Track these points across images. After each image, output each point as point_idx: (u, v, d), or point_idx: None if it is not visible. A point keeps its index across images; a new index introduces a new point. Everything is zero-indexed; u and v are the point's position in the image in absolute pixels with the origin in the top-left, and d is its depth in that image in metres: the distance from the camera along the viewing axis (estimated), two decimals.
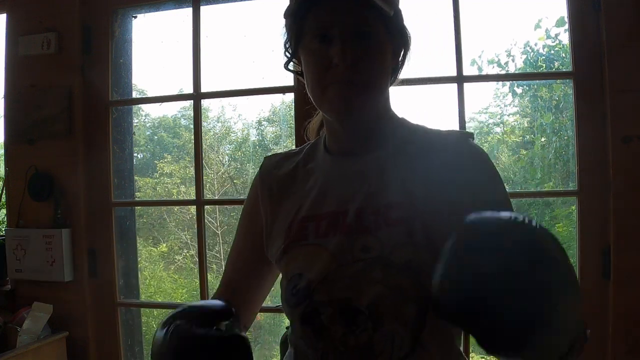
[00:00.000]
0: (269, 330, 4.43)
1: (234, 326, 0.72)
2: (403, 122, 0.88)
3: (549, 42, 4.37)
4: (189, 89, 1.90)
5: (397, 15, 0.82)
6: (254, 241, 0.92)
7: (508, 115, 5.19)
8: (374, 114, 0.83)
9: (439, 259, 0.60)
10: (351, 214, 0.80)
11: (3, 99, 2.00)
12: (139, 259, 2.39)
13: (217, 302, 0.75)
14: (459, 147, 0.83)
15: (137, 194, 4.21)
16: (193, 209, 2.30)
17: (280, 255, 0.84)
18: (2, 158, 2.52)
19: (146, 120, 5.57)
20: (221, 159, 5.25)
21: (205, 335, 0.68)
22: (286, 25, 0.84)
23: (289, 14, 0.81)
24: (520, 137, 5.02)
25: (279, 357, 1.16)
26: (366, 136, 0.84)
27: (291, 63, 0.88)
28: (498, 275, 0.52)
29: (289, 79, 1.76)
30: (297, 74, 0.89)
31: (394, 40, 0.82)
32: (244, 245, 0.96)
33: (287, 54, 0.86)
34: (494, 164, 0.85)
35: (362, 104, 0.79)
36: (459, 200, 0.76)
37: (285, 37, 0.86)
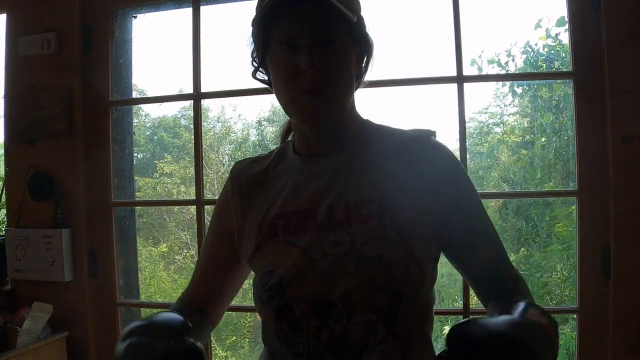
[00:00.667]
0: None
1: (193, 339, 0.72)
2: (367, 123, 0.92)
3: (549, 42, 4.37)
4: (189, 89, 1.90)
5: (360, 22, 0.85)
6: (223, 243, 0.94)
7: (508, 115, 5.19)
8: (341, 118, 0.86)
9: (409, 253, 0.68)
10: (322, 211, 0.82)
11: (3, 99, 2.00)
12: (139, 259, 2.39)
13: (175, 317, 0.74)
14: (423, 144, 0.87)
15: (137, 194, 4.21)
16: (193, 209, 2.30)
17: (252, 254, 0.86)
18: (2, 158, 2.52)
19: (146, 120, 5.57)
20: (221, 159, 5.25)
21: (164, 349, 0.68)
22: (252, 34, 0.86)
23: (255, 23, 0.83)
24: (520, 137, 5.02)
25: None
26: (334, 138, 0.87)
27: (258, 73, 0.90)
28: None
29: None
30: (265, 82, 0.91)
31: (357, 46, 0.85)
32: (213, 247, 0.97)
33: (254, 63, 0.89)
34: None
35: (330, 111, 0.82)
36: (425, 197, 0.82)
37: (252, 47, 0.88)
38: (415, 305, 0.79)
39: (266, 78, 0.89)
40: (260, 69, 0.89)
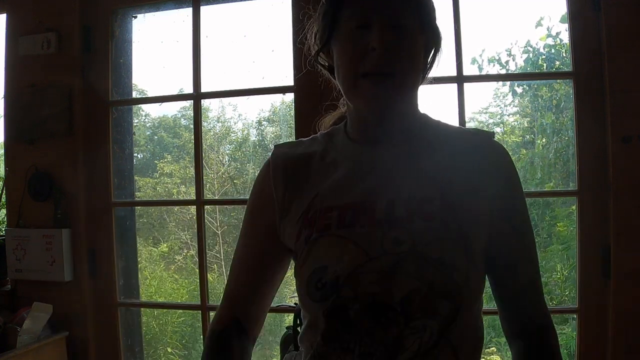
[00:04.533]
0: (269, 330, 4.42)
1: None
2: (427, 118, 0.88)
3: (550, 41, 4.36)
4: (189, 89, 1.90)
5: (432, 12, 0.82)
6: (263, 241, 0.88)
7: (508, 115, 5.19)
8: (404, 108, 0.83)
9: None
10: (381, 205, 0.78)
11: (3, 99, 2.00)
12: (139, 259, 2.39)
13: None
14: (485, 144, 0.84)
15: (137, 194, 4.21)
16: (193, 209, 2.30)
17: (300, 246, 0.81)
18: (2, 158, 2.52)
19: (146, 120, 5.57)
20: (221, 159, 5.25)
21: None
22: (320, 13, 0.84)
23: (327, 1, 0.81)
24: (520, 137, 5.01)
25: (279, 357, 1.17)
26: (394, 128, 0.83)
27: (320, 56, 0.87)
28: None
29: (289, 79, 1.76)
30: (324, 67, 0.88)
31: (426, 37, 0.82)
32: (250, 248, 0.91)
33: (316, 44, 0.85)
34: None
35: (396, 95, 0.79)
36: (485, 199, 0.79)
37: (317, 26, 0.85)
38: (472, 311, 0.77)
39: (326, 63, 0.87)
40: (321, 54, 0.86)
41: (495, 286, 0.84)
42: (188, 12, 1.86)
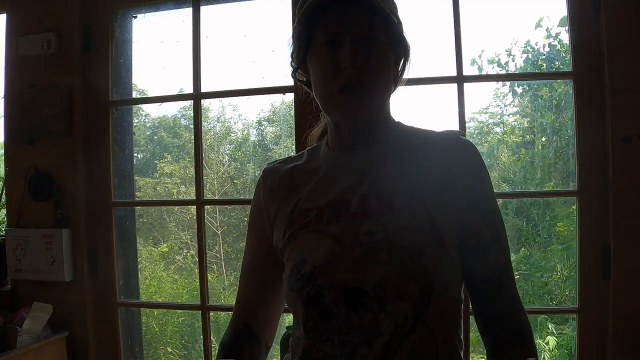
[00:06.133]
0: None
1: None
2: (399, 124, 0.94)
3: (550, 41, 4.37)
4: (189, 89, 1.90)
5: (399, 24, 0.87)
6: (262, 251, 0.95)
7: (508, 115, 5.19)
8: (377, 115, 0.89)
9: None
10: (355, 201, 0.84)
11: (3, 99, 2.00)
12: (139, 259, 2.39)
13: None
14: (452, 141, 0.89)
15: (137, 194, 4.21)
16: (193, 209, 2.30)
17: (284, 244, 0.88)
18: (2, 158, 2.52)
19: (146, 120, 5.57)
20: (221, 159, 5.25)
21: None
22: (294, 34, 0.89)
23: (299, 22, 0.85)
24: (520, 137, 5.01)
25: (279, 357, 1.17)
26: (368, 134, 0.90)
27: (298, 72, 0.93)
28: None
29: (289, 79, 1.75)
30: (303, 83, 0.95)
31: (395, 48, 0.87)
32: (255, 258, 0.98)
33: (293, 64, 0.92)
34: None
35: (368, 107, 0.85)
36: (452, 191, 0.84)
37: (292, 47, 0.91)
38: (447, 297, 0.80)
39: (304, 79, 0.93)
40: (300, 70, 0.92)
41: (468, 273, 0.87)
42: (188, 12, 1.86)
